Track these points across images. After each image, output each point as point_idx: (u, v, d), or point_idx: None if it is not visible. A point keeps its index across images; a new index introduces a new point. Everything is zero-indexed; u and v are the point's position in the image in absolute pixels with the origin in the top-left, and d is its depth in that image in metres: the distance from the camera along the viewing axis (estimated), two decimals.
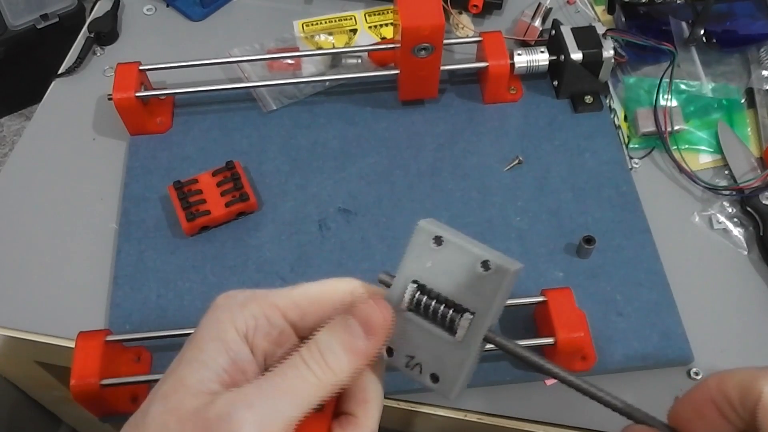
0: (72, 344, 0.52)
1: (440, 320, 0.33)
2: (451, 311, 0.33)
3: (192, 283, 0.60)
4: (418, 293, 0.33)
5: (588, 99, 0.70)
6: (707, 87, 0.70)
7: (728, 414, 0.29)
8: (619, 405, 0.31)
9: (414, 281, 0.33)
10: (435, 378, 0.33)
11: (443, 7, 0.62)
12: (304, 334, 0.33)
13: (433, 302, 0.33)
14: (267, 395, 0.29)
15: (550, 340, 0.52)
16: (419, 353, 0.33)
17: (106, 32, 0.78)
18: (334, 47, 0.76)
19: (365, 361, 0.32)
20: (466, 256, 0.32)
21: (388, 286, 0.34)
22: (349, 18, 0.78)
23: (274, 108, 0.71)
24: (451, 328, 0.33)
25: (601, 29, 0.69)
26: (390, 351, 0.34)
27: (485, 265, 0.32)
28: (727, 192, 0.66)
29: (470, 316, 0.32)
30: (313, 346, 0.31)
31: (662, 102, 0.68)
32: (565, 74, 0.69)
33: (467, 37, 0.76)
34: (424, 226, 0.34)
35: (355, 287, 0.34)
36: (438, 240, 0.33)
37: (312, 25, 0.77)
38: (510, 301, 0.56)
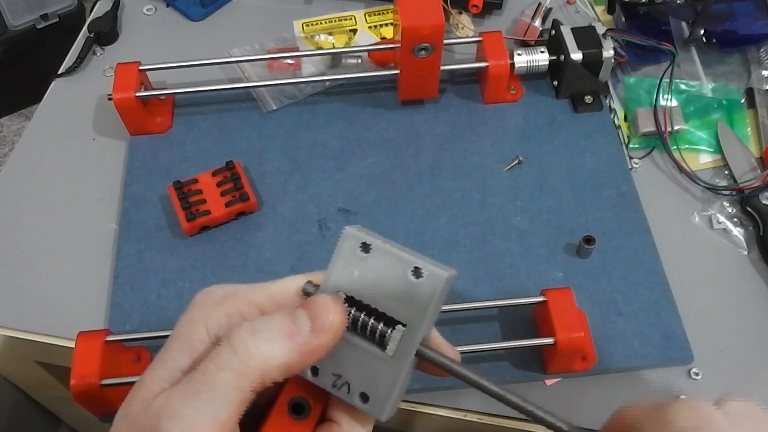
0: (72, 344, 0.52)
1: (369, 334, 0.30)
2: (381, 324, 0.30)
3: (192, 283, 0.60)
4: (345, 305, 0.31)
5: (588, 99, 0.70)
6: (707, 87, 0.70)
7: None
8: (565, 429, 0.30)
9: (340, 292, 0.31)
10: (365, 398, 0.30)
11: (443, 7, 0.62)
12: None
13: (362, 315, 0.30)
14: (189, 397, 0.27)
15: (550, 340, 0.52)
16: (347, 371, 0.31)
17: (106, 32, 0.78)
18: (334, 47, 0.76)
19: (301, 357, 0.29)
20: (395, 263, 0.30)
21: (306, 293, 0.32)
22: (349, 18, 0.78)
23: (274, 108, 0.71)
24: (382, 343, 0.30)
25: (601, 29, 0.69)
26: (315, 370, 0.31)
27: (416, 272, 0.30)
28: (727, 192, 0.66)
29: (402, 329, 0.30)
30: (245, 329, 0.29)
31: (662, 102, 0.68)
32: (565, 74, 0.69)
33: (467, 37, 0.75)
34: (350, 231, 0.31)
35: None
36: (365, 247, 0.31)
37: (312, 25, 0.77)
38: (510, 301, 0.56)
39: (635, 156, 0.69)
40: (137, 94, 0.66)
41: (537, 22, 0.74)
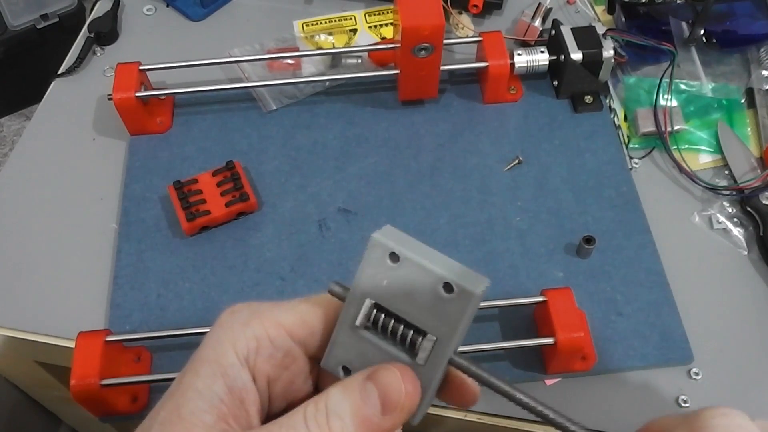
0: (72, 344, 0.52)
1: (400, 341, 0.30)
2: (411, 332, 0.30)
3: (192, 283, 0.60)
4: (375, 311, 0.30)
5: (588, 99, 0.70)
6: (707, 87, 0.70)
7: None
8: None
9: (369, 299, 0.30)
10: None
11: (443, 7, 0.62)
12: (313, 353, 0.32)
13: (392, 322, 0.30)
14: None
15: (550, 340, 0.52)
16: None
17: (106, 32, 0.78)
18: (334, 47, 0.76)
19: None
20: (425, 276, 0.29)
21: (341, 299, 0.31)
22: (349, 18, 0.78)
23: (274, 108, 0.71)
24: (412, 351, 0.30)
25: (601, 29, 0.69)
26: (347, 371, 0.31)
27: (447, 287, 0.29)
28: (727, 192, 0.66)
29: (432, 339, 0.29)
30: (321, 404, 0.28)
31: (662, 102, 0.68)
32: (565, 74, 0.69)
33: (467, 37, 0.75)
34: (379, 239, 0.30)
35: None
36: (394, 257, 0.30)
37: (312, 25, 0.77)
38: (510, 301, 0.56)
39: (635, 156, 0.69)
40: (137, 94, 0.66)
41: (537, 22, 0.74)
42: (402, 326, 0.30)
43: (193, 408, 0.28)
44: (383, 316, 0.30)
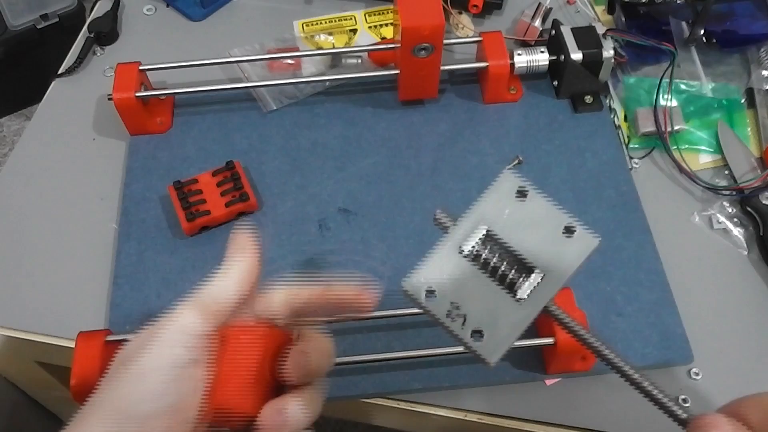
0: (72, 344, 0.52)
1: (500, 276, 0.30)
2: (514, 268, 0.30)
3: (192, 283, 0.59)
4: (482, 241, 0.31)
5: (588, 99, 0.70)
6: (707, 87, 0.70)
7: None
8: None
9: (482, 225, 0.31)
10: (479, 334, 0.30)
11: (443, 7, 0.62)
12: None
13: (497, 254, 0.30)
14: None
15: (550, 341, 0.52)
16: (468, 303, 0.30)
17: (106, 32, 0.78)
18: (334, 47, 0.76)
19: None
20: (549, 215, 0.30)
21: (445, 228, 0.32)
22: (349, 18, 0.78)
23: (274, 108, 0.71)
24: (512, 287, 0.30)
25: (601, 29, 0.69)
26: (432, 292, 0.30)
27: (569, 229, 0.30)
28: (727, 192, 0.66)
29: (539, 278, 0.30)
30: None
31: (662, 102, 0.68)
32: (565, 74, 0.69)
33: (467, 37, 0.76)
34: (510, 175, 0.32)
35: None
36: (522, 193, 0.31)
37: (312, 25, 0.77)
38: None
39: (635, 156, 0.69)
40: (137, 94, 0.66)
41: (537, 22, 0.74)
42: (506, 261, 0.30)
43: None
44: (489, 247, 0.31)
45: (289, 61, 0.74)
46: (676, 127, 0.68)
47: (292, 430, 0.34)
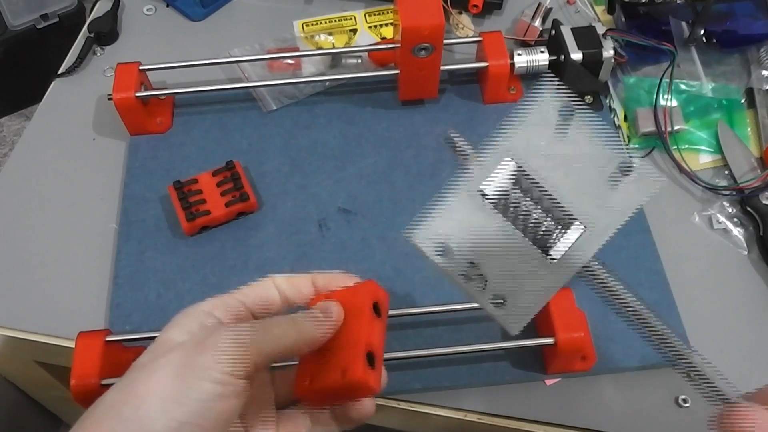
0: (72, 344, 0.52)
1: (531, 229, 0.24)
2: (548, 218, 0.23)
3: (192, 283, 0.60)
4: (511, 183, 0.23)
5: (588, 99, 0.70)
6: (707, 87, 0.70)
7: None
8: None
9: (509, 158, 0.23)
10: (500, 300, 0.24)
11: (443, 7, 0.62)
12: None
13: (527, 200, 0.23)
14: None
15: (550, 340, 0.52)
16: (489, 264, 0.24)
17: (106, 32, 0.78)
18: (334, 47, 0.76)
19: None
20: (600, 146, 0.22)
21: (463, 156, 0.24)
22: (349, 18, 0.78)
23: (274, 108, 0.71)
24: (545, 245, 0.24)
25: (601, 29, 0.69)
26: (446, 248, 0.24)
27: (625, 166, 0.23)
28: (727, 192, 0.66)
29: (581, 230, 0.23)
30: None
31: (662, 102, 0.68)
32: (565, 74, 0.68)
33: (467, 37, 0.75)
34: (554, 93, 0.23)
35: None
36: (568, 111, 0.23)
37: (312, 25, 0.77)
38: None
39: (635, 156, 0.69)
40: (137, 94, 0.66)
41: (537, 22, 0.74)
42: (538, 210, 0.23)
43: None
44: (513, 192, 0.24)
45: (289, 61, 0.74)
46: (676, 127, 0.68)
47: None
